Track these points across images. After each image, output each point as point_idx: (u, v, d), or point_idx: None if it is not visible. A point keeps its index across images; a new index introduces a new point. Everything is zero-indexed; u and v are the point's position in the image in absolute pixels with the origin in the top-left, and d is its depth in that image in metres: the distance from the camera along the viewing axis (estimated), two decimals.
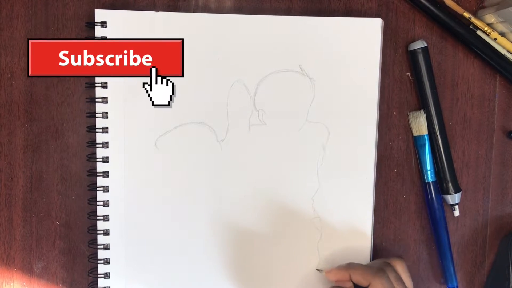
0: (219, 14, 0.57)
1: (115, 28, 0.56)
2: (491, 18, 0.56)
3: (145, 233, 0.58)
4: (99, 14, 0.56)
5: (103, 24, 0.56)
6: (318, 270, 0.57)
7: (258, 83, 0.57)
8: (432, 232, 0.59)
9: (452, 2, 0.57)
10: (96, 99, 0.57)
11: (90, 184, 0.58)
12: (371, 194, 0.57)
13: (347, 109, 0.57)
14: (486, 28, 0.56)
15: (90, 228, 0.58)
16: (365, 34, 0.56)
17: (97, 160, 0.57)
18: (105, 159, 0.57)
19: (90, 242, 0.58)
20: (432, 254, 0.60)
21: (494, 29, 0.56)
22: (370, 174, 0.57)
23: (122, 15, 0.56)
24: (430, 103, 0.57)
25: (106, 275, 0.58)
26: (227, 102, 0.57)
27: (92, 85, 0.57)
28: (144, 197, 0.57)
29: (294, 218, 0.58)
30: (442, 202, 0.58)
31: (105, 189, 0.57)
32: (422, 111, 0.57)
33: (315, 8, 0.58)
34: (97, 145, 0.57)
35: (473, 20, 0.56)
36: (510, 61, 0.57)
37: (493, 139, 0.59)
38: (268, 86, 0.57)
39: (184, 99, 0.57)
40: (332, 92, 0.57)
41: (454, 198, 0.58)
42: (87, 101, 0.58)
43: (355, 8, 0.58)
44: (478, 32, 0.57)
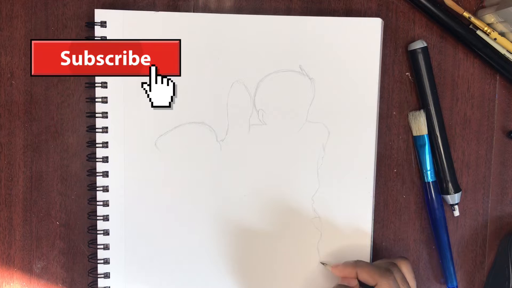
0: (219, 14, 0.57)
1: (115, 28, 0.56)
2: (491, 18, 0.56)
3: (145, 233, 0.58)
4: (99, 14, 0.56)
5: (103, 24, 0.56)
6: (323, 263, 0.57)
7: (258, 83, 0.57)
8: (432, 232, 0.59)
9: (452, 2, 0.57)
10: (96, 99, 0.57)
11: (90, 184, 0.58)
12: (371, 194, 0.57)
13: (347, 109, 0.57)
14: (486, 28, 0.56)
15: (90, 228, 0.58)
16: (365, 34, 0.56)
17: (97, 160, 0.57)
18: (105, 159, 0.57)
19: (90, 242, 0.58)
20: (432, 254, 0.60)
21: (494, 29, 0.56)
22: (370, 174, 0.57)
23: (122, 15, 0.56)
24: (430, 103, 0.57)
25: (106, 275, 0.58)
26: (227, 102, 0.57)
27: (92, 85, 0.57)
28: (144, 197, 0.57)
29: (294, 218, 0.58)
30: (442, 202, 0.58)
31: (105, 189, 0.57)
32: (422, 111, 0.57)
33: (315, 8, 0.58)
34: (97, 145, 0.57)
35: (473, 20, 0.56)
36: (510, 61, 0.57)
37: (493, 139, 0.59)
38: (268, 86, 0.57)
39: (184, 99, 0.57)
40: (332, 92, 0.57)
41: (454, 198, 0.58)
42: (87, 101, 0.58)
43: (355, 8, 0.58)
44: (478, 32, 0.57)
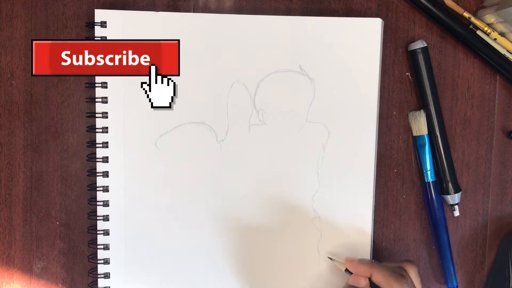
0: (219, 14, 0.57)
1: (115, 28, 0.56)
2: (491, 18, 0.56)
3: (145, 233, 0.58)
4: (99, 14, 0.56)
5: (103, 24, 0.56)
6: (330, 258, 0.57)
7: (258, 83, 0.57)
8: (432, 232, 0.59)
9: (452, 2, 0.57)
10: (96, 99, 0.57)
11: (90, 184, 0.58)
12: (371, 194, 0.57)
13: (347, 109, 0.57)
14: (486, 28, 0.56)
15: (90, 228, 0.58)
16: (365, 34, 0.56)
17: (97, 160, 0.57)
18: (105, 159, 0.57)
19: (90, 242, 0.58)
20: (432, 254, 0.60)
21: (494, 29, 0.56)
22: (370, 174, 0.57)
23: (122, 15, 0.56)
24: (430, 103, 0.57)
25: (106, 275, 0.58)
26: (227, 102, 0.57)
27: (92, 85, 0.57)
28: (144, 197, 0.57)
29: (294, 218, 0.57)
30: (442, 202, 0.58)
31: (105, 189, 0.57)
32: (422, 111, 0.57)
33: (315, 8, 0.58)
34: (97, 145, 0.57)
35: (473, 20, 0.56)
36: (510, 61, 0.57)
37: (493, 139, 0.59)
38: (268, 86, 0.57)
39: (184, 99, 0.57)
40: (332, 92, 0.57)
41: (454, 198, 0.58)
42: (87, 101, 0.58)
43: (355, 8, 0.58)
44: (478, 32, 0.57)
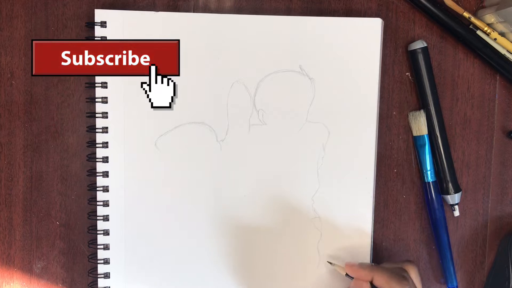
0: (219, 14, 0.57)
1: (115, 28, 0.56)
2: (491, 18, 0.56)
3: (145, 233, 0.58)
4: (99, 14, 0.56)
5: (103, 24, 0.56)
6: (330, 262, 0.57)
7: (258, 83, 0.57)
8: (432, 232, 0.59)
9: (452, 2, 0.57)
10: (96, 99, 0.57)
11: (90, 184, 0.58)
12: (371, 194, 0.57)
13: (347, 109, 0.57)
14: (486, 28, 0.56)
15: (90, 228, 0.58)
16: (365, 34, 0.56)
17: (97, 160, 0.57)
18: (105, 159, 0.57)
19: (90, 242, 0.58)
20: (432, 254, 0.60)
21: (494, 29, 0.56)
22: (370, 174, 0.57)
23: (122, 15, 0.56)
24: (430, 103, 0.57)
25: (106, 275, 0.58)
26: (227, 102, 0.57)
27: (92, 85, 0.57)
28: (144, 197, 0.57)
29: (294, 218, 0.57)
30: (442, 202, 0.58)
31: (105, 189, 0.57)
32: (422, 111, 0.57)
33: (315, 8, 0.58)
34: (97, 145, 0.57)
35: (473, 20, 0.56)
36: (510, 61, 0.57)
37: (493, 139, 0.59)
38: (268, 86, 0.57)
39: (184, 99, 0.57)
40: (332, 92, 0.57)
41: (454, 198, 0.58)
42: (87, 101, 0.58)
43: (355, 8, 0.58)
44: (478, 32, 0.57)
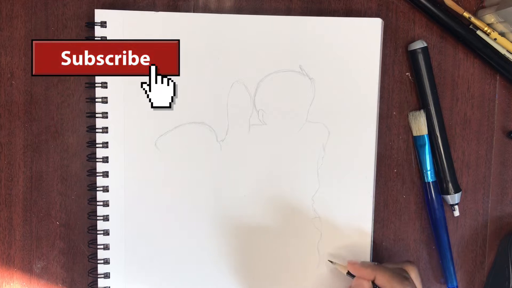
0: (219, 14, 0.57)
1: (115, 28, 0.56)
2: (491, 18, 0.56)
3: (145, 233, 0.58)
4: (99, 14, 0.56)
5: (103, 24, 0.56)
6: (331, 261, 0.57)
7: (258, 83, 0.57)
8: (432, 232, 0.59)
9: (452, 2, 0.57)
10: (96, 99, 0.57)
11: (90, 184, 0.58)
12: (371, 194, 0.57)
13: (347, 109, 0.57)
14: (486, 28, 0.56)
15: (90, 228, 0.58)
16: (365, 34, 0.56)
17: (97, 160, 0.57)
18: (105, 159, 0.57)
19: (90, 242, 0.58)
20: (432, 254, 0.60)
21: (494, 29, 0.56)
22: (370, 174, 0.57)
23: (122, 15, 0.56)
24: (430, 103, 0.57)
25: (106, 275, 0.58)
26: (227, 102, 0.57)
27: (92, 85, 0.57)
28: (144, 197, 0.57)
29: (294, 218, 0.57)
30: (442, 202, 0.58)
31: (105, 189, 0.57)
32: (422, 111, 0.57)
33: (315, 8, 0.58)
34: (97, 145, 0.57)
35: (473, 20, 0.56)
36: (510, 61, 0.57)
37: (493, 139, 0.59)
38: (268, 86, 0.57)
39: (184, 99, 0.57)
40: (332, 92, 0.57)
41: (454, 198, 0.58)
42: (87, 101, 0.58)
43: (355, 8, 0.58)
44: (478, 32, 0.57)
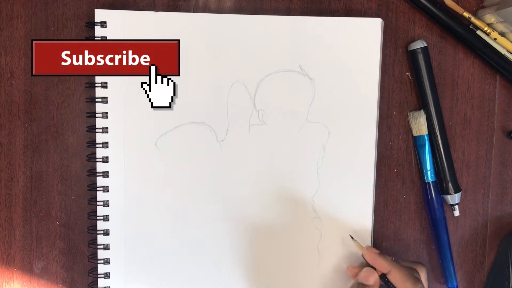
0: (219, 14, 0.57)
1: (115, 28, 0.56)
2: (491, 18, 0.56)
3: (145, 233, 0.58)
4: (99, 14, 0.56)
5: (103, 24, 0.56)
6: (352, 237, 0.56)
7: (258, 83, 0.57)
8: (432, 232, 0.59)
9: (452, 2, 0.57)
10: (96, 99, 0.57)
11: (90, 184, 0.58)
12: (371, 194, 0.57)
13: (347, 109, 0.57)
14: (486, 28, 0.56)
15: (90, 228, 0.58)
16: (365, 34, 0.56)
17: (97, 160, 0.57)
18: (105, 159, 0.57)
19: (90, 242, 0.58)
20: (432, 254, 0.60)
21: (494, 29, 0.56)
22: (370, 174, 0.57)
23: (122, 15, 0.56)
24: (430, 103, 0.57)
25: (106, 275, 0.58)
26: (227, 102, 0.57)
27: (92, 85, 0.57)
28: (144, 197, 0.57)
29: (294, 218, 0.57)
30: (442, 202, 0.58)
31: (105, 189, 0.57)
32: (422, 111, 0.57)
33: (315, 8, 0.58)
34: (97, 145, 0.57)
35: (473, 20, 0.56)
36: (510, 61, 0.57)
37: (493, 139, 0.59)
38: (268, 86, 0.57)
39: (184, 99, 0.57)
40: (332, 92, 0.57)
41: (454, 198, 0.58)
42: (87, 101, 0.58)
43: (355, 8, 0.58)
44: (478, 32, 0.57)
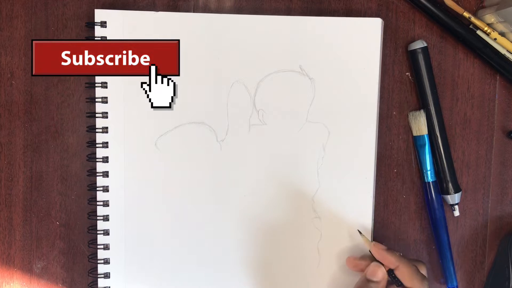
0: (219, 14, 0.57)
1: (115, 28, 0.56)
2: (491, 18, 0.56)
3: (145, 233, 0.58)
4: (99, 14, 0.56)
5: (103, 24, 0.56)
6: (360, 232, 0.56)
7: (258, 83, 0.57)
8: (432, 232, 0.59)
9: (452, 2, 0.57)
10: (96, 99, 0.57)
11: (90, 184, 0.58)
12: (371, 194, 0.57)
13: (347, 109, 0.57)
14: (486, 28, 0.56)
15: (90, 228, 0.58)
16: (365, 34, 0.56)
17: (97, 160, 0.57)
18: (105, 159, 0.57)
19: (90, 242, 0.58)
20: (432, 254, 0.60)
21: (494, 29, 0.56)
22: (370, 174, 0.57)
23: (122, 15, 0.56)
24: (430, 103, 0.57)
25: (106, 275, 0.58)
26: (227, 102, 0.57)
27: (92, 85, 0.57)
28: (144, 197, 0.57)
29: (294, 218, 0.57)
30: (442, 202, 0.58)
31: (105, 189, 0.57)
32: (422, 111, 0.57)
33: (315, 8, 0.58)
34: (97, 145, 0.57)
35: (473, 20, 0.56)
36: (510, 61, 0.57)
37: (493, 139, 0.59)
38: (268, 86, 0.57)
39: (184, 99, 0.57)
40: (332, 92, 0.57)
41: (454, 198, 0.58)
42: (87, 101, 0.58)
43: (355, 8, 0.58)
44: (478, 32, 0.57)
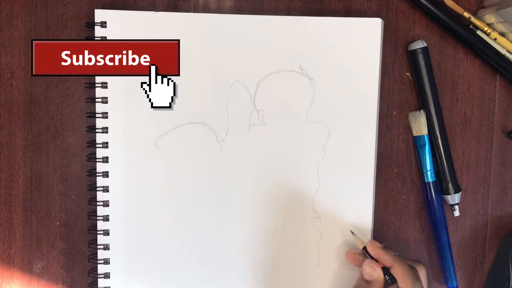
0: (219, 14, 0.57)
1: (115, 28, 0.56)
2: (491, 18, 0.56)
3: (145, 233, 0.58)
4: (99, 14, 0.56)
5: (103, 24, 0.56)
6: (352, 232, 0.56)
7: (258, 83, 0.57)
8: (432, 232, 0.59)
9: (452, 2, 0.57)
10: (96, 99, 0.57)
11: (90, 184, 0.58)
12: (371, 194, 0.57)
13: (347, 109, 0.57)
14: (486, 28, 0.56)
15: (90, 228, 0.58)
16: (365, 34, 0.56)
17: (97, 160, 0.57)
18: (105, 159, 0.57)
19: (90, 242, 0.58)
20: (432, 254, 0.60)
21: (494, 29, 0.56)
22: (370, 174, 0.57)
23: (122, 15, 0.56)
24: (430, 103, 0.57)
25: (106, 275, 0.58)
26: (227, 102, 0.57)
27: (92, 85, 0.57)
28: (144, 197, 0.57)
29: (294, 218, 0.57)
30: (442, 202, 0.58)
31: (105, 189, 0.57)
32: (422, 111, 0.57)
33: (315, 8, 0.58)
34: (97, 145, 0.57)
35: (473, 20, 0.56)
36: (510, 61, 0.57)
37: (493, 139, 0.59)
38: (268, 86, 0.57)
39: (184, 99, 0.57)
40: (332, 92, 0.57)
41: (454, 198, 0.58)
42: (87, 101, 0.58)
43: (355, 8, 0.58)
44: (478, 32, 0.57)
